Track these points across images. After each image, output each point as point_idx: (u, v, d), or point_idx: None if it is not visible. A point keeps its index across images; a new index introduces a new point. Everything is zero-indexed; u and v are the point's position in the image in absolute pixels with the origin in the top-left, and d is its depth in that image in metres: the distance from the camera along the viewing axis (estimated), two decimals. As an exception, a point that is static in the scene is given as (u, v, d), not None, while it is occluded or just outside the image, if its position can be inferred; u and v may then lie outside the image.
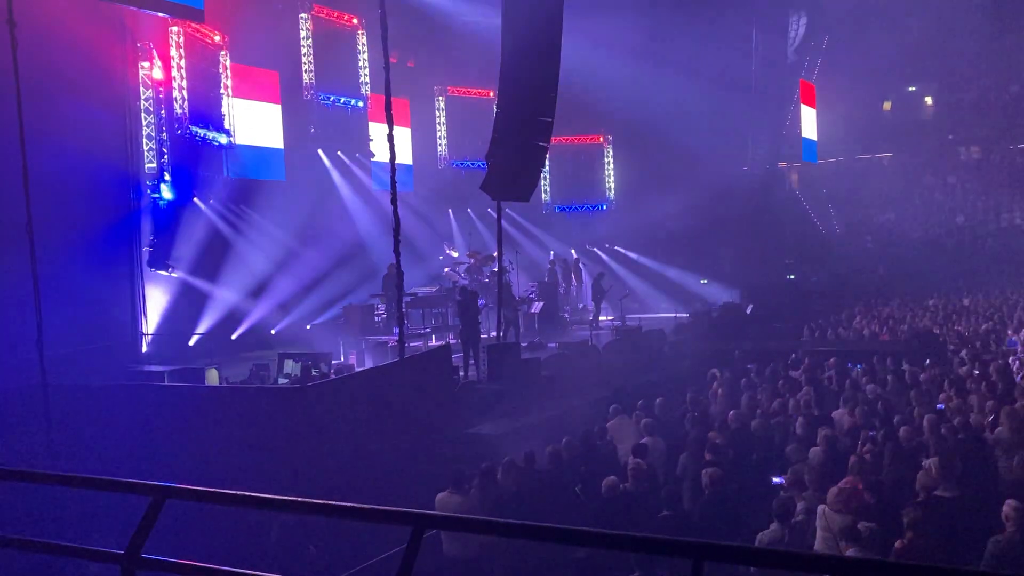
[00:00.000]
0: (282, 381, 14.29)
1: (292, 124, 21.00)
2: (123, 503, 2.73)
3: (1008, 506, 6.21)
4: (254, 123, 19.89)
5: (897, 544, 6.27)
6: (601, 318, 21.50)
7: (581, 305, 24.28)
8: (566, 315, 22.97)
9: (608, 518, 7.61)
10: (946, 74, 42.29)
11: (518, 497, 8.24)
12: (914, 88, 43.76)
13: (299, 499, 2.62)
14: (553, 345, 17.51)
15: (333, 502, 2.46)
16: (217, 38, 18.79)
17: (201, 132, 18.38)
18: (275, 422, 10.64)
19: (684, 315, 21.74)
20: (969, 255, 32.43)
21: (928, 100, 43.68)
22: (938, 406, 10.25)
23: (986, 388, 10.90)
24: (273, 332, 19.52)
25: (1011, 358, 13.99)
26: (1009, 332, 17.60)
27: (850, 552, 6.12)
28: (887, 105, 43.80)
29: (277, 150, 20.53)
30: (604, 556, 6.87)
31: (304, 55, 21.63)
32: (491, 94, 22.77)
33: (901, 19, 38.40)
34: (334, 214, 21.01)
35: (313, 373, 14.02)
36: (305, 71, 21.70)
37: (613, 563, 6.98)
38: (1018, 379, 12.08)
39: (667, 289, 26.51)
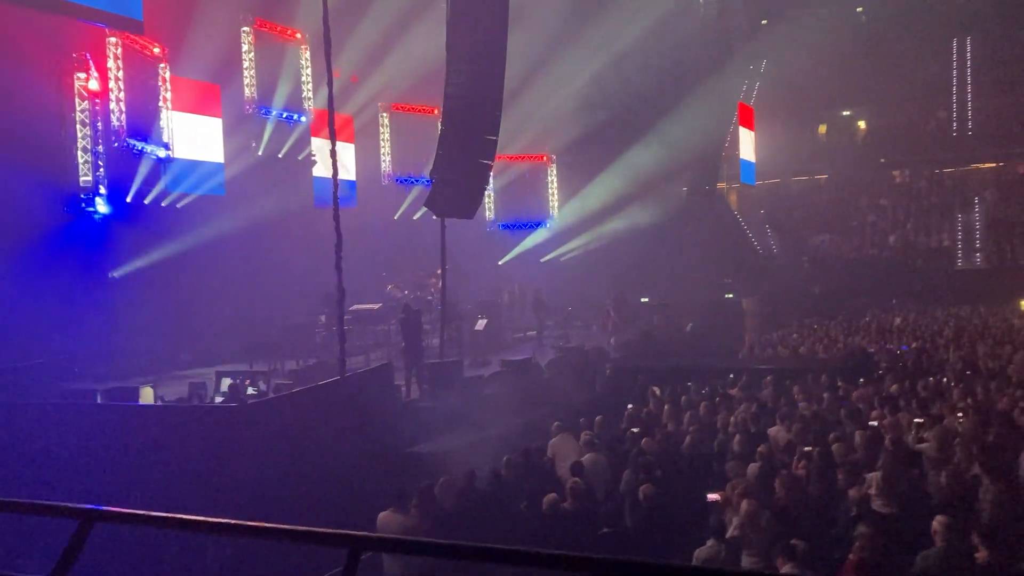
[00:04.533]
0: (219, 399, 14.02)
1: (233, 138, 20.73)
2: (52, 526, 2.64)
3: (937, 522, 6.37)
4: (194, 137, 19.59)
5: (850, 557, 6.37)
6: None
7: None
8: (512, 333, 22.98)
9: (549, 536, 7.62)
10: (878, 99, 43.69)
11: (459, 516, 8.20)
12: (848, 112, 45.12)
13: (232, 521, 2.56)
14: (496, 363, 17.49)
15: (267, 524, 2.41)
16: (157, 50, 18.49)
17: (139, 145, 18.04)
18: (211, 441, 10.43)
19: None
20: (900, 275, 33.39)
21: (862, 124, 45.09)
22: (870, 423, 10.49)
23: (916, 405, 11.22)
24: (213, 349, 19.13)
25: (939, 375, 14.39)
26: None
27: (786, 569, 6.21)
28: (823, 128, 45.09)
29: (217, 164, 20.23)
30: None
31: (246, 69, 21.41)
32: (436, 111, 22.79)
33: (835, 45, 39.55)
34: (275, 230, 20.75)
35: (250, 391, 13.77)
36: (247, 85, 21.47)
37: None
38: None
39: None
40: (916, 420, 10.41)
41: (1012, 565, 6.18)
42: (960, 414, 10.66)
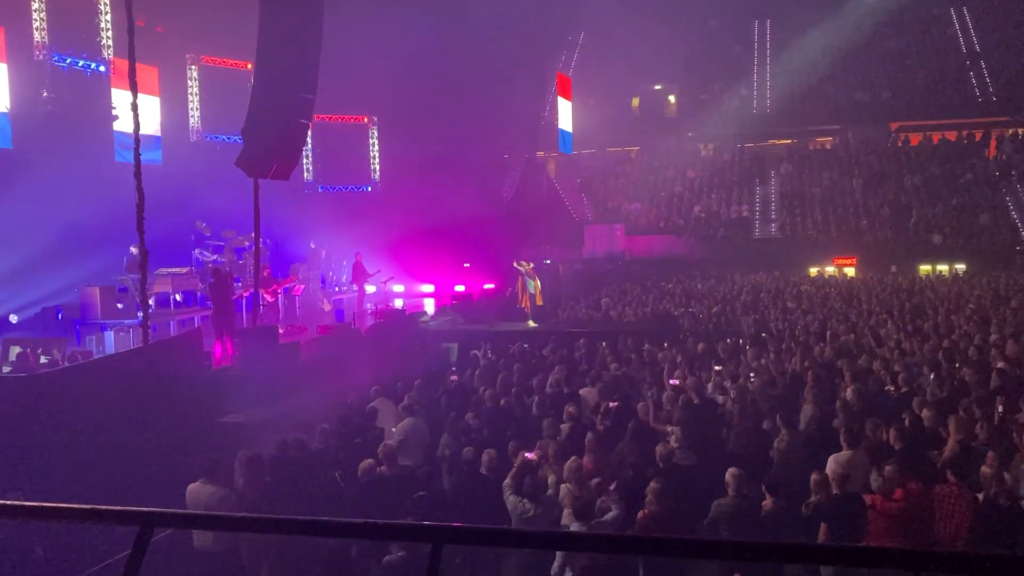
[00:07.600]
0: (7, 369, 12.95)
1: (21, 86, 18.93)
2: None
3: (728, 473, 6.87)
4: (-28, 83, 17.75)
5: (639, 514, 6.71)
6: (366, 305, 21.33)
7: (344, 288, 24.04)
8: (328, 299, 22.58)
9: (367, 502, 7.59)
10: (687, 76, 45.90)
11: (276, 485, 8.00)
12: (660, 87, 47.11)
13: (10, 503, 2.37)
14: (313, 328, 17.13)
15: (49, 504, 2.25)
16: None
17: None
18: (-4, 416, 9.60)
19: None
20: (704, 244, 35.46)
21: (671, 99, 47.22)
22: (672, 381, 11.12)
23: (715, 365, 12.00)
24: (14, 320, 17.55)
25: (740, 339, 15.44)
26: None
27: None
28: (635, 101, 46.88)
29: (2, 114, 18.45)
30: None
31: (35, 10, 19.55)
32: (249, 66, 21.80)
33: (649, 20, 41.12)
34: (71, 187, 19.14)
35: (43, 360, 12.80)
36: (37, 28, 19.62)
37: (371, 544, 6.96)
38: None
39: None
40: (716, 374, 11.18)
41: (793, 512, 6.76)
42: (753, 373, 11.51)
